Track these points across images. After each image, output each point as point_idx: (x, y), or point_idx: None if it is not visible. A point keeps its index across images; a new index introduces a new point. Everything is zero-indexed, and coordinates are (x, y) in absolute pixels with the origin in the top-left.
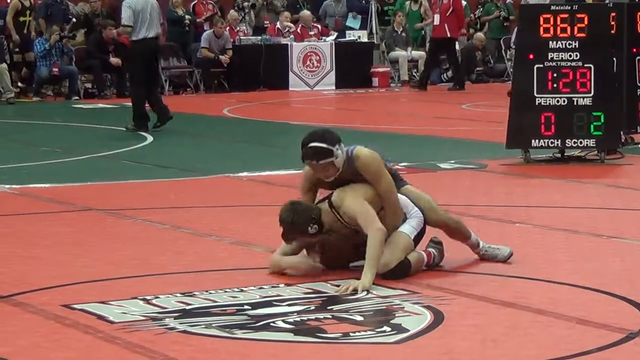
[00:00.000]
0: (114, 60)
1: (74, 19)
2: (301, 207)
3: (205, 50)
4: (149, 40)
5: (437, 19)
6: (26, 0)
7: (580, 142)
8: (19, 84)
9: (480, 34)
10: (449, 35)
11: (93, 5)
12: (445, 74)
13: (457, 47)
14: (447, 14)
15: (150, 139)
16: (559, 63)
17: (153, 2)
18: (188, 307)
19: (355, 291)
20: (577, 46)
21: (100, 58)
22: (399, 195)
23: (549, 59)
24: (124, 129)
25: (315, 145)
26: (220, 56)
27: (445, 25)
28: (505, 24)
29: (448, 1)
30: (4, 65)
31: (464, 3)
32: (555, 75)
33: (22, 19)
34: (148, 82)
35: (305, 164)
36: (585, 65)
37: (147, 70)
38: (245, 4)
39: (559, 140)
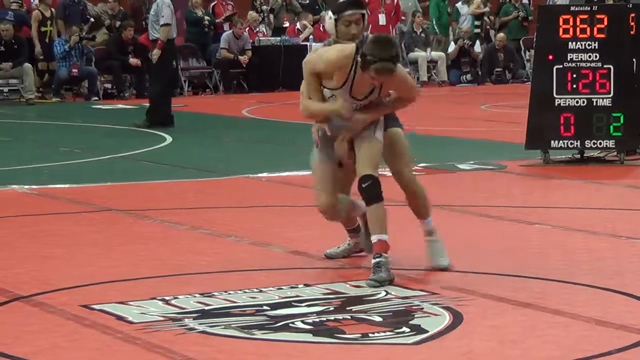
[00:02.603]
0: (134, 60)
1: (92, 19)
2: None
3: (225, 51)
4: (173, 40)
5: (382, 19)
6: (46, 10)
7: (600, 143)
8: (40, 88)
9: (501, 34)
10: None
11: (111, 5)
12: (465, 76)
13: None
14: (392, 14)
15: (169, 139)
16: (578, 64)
17: None
18: (207, 308)
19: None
20: (596, 47)
21: (119, 59)
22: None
23: (569, 59)
24: (137, 126)
25: None
26: (240, 57)
27: (390, 27)
28: (524, 24)
29: (391, 1)
30: (29, 65)
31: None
32: (574, 76)
33: (43, 29)
34: (171, 83)
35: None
36: (605, 66)
37: (173, 71)
38: (264, 7)
39: (578, 141)
